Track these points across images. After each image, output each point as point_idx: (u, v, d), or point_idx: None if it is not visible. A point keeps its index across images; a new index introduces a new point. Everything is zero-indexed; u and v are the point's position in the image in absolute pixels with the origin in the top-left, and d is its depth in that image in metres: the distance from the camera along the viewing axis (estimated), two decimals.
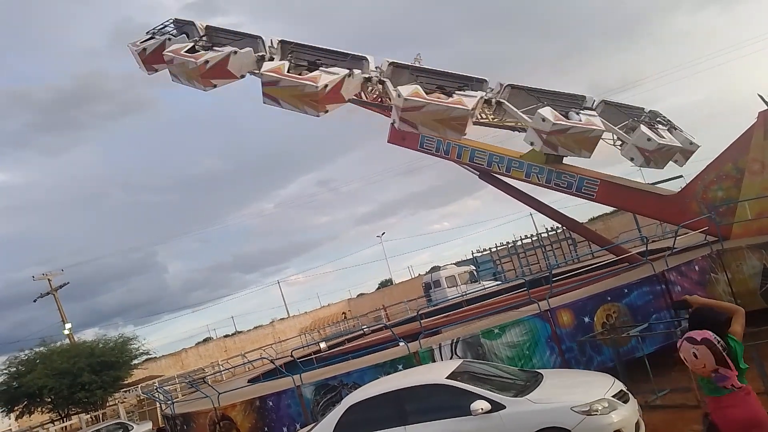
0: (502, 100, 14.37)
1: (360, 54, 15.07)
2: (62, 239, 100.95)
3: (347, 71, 14.29)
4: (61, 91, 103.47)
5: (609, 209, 41.21)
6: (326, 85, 13.83)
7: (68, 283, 40.75)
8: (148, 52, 16.98)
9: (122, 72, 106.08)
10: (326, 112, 14.40)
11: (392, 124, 16.53)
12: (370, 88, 15.29)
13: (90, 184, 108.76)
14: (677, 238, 13.06)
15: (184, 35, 16.56)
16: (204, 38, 16.13)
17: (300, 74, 14.25)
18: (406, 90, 13.39)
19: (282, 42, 15.22)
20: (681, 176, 18.66)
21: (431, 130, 14.04)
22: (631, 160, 14.11)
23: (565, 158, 14.98)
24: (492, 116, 15.19)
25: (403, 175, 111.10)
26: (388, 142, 17.53)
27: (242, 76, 15.63)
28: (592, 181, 14.73)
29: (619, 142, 14.41)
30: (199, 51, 15.50)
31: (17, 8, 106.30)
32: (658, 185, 18.02)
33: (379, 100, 16.19)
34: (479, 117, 15.26)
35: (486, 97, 14.43)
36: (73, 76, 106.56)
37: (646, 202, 14.91)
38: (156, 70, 17.19)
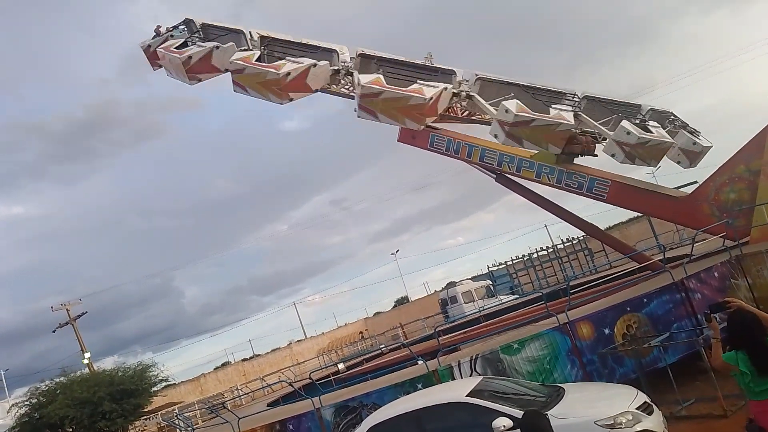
0: (472, 93, 14.39)
1: (331, 46, 15.42)
2: (80, 268, 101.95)
3: (312, 62, 14.66)
4: (74, 120, 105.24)
5: (625, 218, 40.98)
6: (288, 73, 14.30)
7: (86, 312, 40.99)
8: (152, 49, 17.48)
9: (134, 99, 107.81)
10: (291, 100, 14.93)
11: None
12: (339, 79, 15.55)
13: (106, 212, 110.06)
14: (695, 245, 12.91)
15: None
16: (197, 34, 16.55)
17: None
18: (365, 78, 13.63)
19: (261, 36, 15.64)
20: (696, 182, 18.49)
21: (390, 119, 14.27)
22: (613, 155, 13.98)
23: (576, 158, 14.99)
24: (465, 110, 15.26)
25: (415, 191, 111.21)
26: (398, 141, 17.58)
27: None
28: (603, 182, 14.62)
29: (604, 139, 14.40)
30: (190, 47, 16.02)
31: (29, 41, 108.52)
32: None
33: (351, 90, 16.28)
34: (452, 111, 15.60)
35: (456, 90, 14.47)
36: (86, 106, 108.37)
37: (658, 203, 14.78)
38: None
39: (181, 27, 17.47)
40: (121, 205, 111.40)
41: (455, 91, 14.74)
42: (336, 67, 15.22)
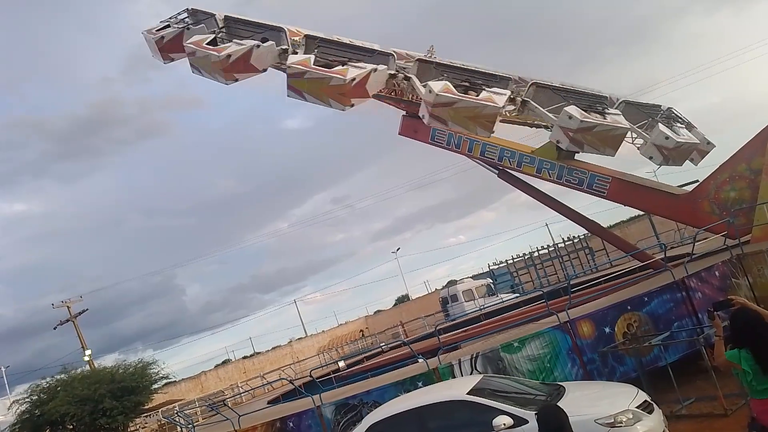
0: (527, 99, 14.35)
1: (385, 50, 15.08)
2: (82, 266, 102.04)
3: (373, 66, 14.25)
4: (77, 118, 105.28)
5: (626, 216, 40.97)
6: (354, 79, 13.82)
7: (87, 309, 41.05)
8: (166, 41, 16.58)
9: (137, 97, 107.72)
10: (351, 106, 14.39)
11: (403, 116, 17.13)
12: (395, 83, 15.26)
13: (108, 210, 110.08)
14: (696, 243, 12.90)
15: (203, 26, 16.30)
16: (223, 30, 15.90)
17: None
18: (436, 86, 13.37)
19: (307, 36, 15.11)
20: (697, 180, 18.47)
21: (461, 127, 13.96)
22: (650, 158, 13.94)
23: (577, 155, 14.89)
24: (514, 113, 15.15)
25: (417, 189, 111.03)
26: (399, 134, 17.53)
27: (264, 70, 15.43)
28: (603, 179, 14.59)
29: (639, 141, 14.27)
30: (219, 43, 15.30)
31: (31, 40, 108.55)
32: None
33: (401, 95, 16.20)
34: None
35: (392, 72, 14.49)
36: (89, 104, 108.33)
37: (658, 200, 14.75)
38: (172, 59, 16.85)
39: (186, 16, 16.77)
40: (123, 203, 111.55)
41: (391, 72, 14.68)
42: (392, 72, 14.78)
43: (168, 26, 16.87)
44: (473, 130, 14.01)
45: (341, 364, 21.21)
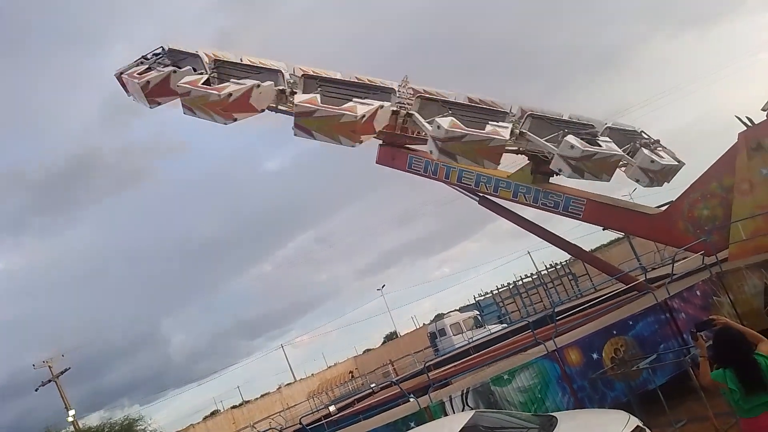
0: (524, 131, 14.63)
1: (387, 86, 15.33)
2: (64, 321, 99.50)
3: (380, 103, 14.43)
4: (56, 170, 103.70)
5: (606, 240, 41.38)
6: (363, 115, 13.94)
7: (69, 368, 40.18)
8: (152, 85, 15.79)
9: (117, 146, 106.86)
10: (360, 142, 14.52)
11: (380, 145, 17.38)
12: (398, 120, 15.43)
13: (90, 261, 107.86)
14: (676, 263, 13.05)
15: (189, 67, 15.90)
16: (215, 70, 15.57)
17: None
18: (444, 122, 13.57)
19: (305, 76, 15.18)
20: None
21: (469, 161, 14.11)
22: (637, 181, 14.28)
23: (552, 178, 15.15)
24: (511, 144, 15.41)
25: (400, 224, 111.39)
26: (376, 163, 17.66)
27: (262, 110, 15.33)
28: (578, 200, 14.81)
29: (623, 164, 14.57)
30: (212, 84, 15.05)
31: (7, 91, 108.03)
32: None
33: (400, 131, 16.33)
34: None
35: (395, 108, 14.78)
36: (68, 155, 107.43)
37: (633, 220, 14.98)
38: (159, 104, 16.20)
39: (163, 56, 16.24)
40: (105, 253, 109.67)
41: (394, 109, 14.94)
42: (395, 108, 15.11)
43: (149, 68, 16.18)
44: (481, 163, 14.21)
45: (332, 408, 20.93)
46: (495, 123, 14.04)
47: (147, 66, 15.84)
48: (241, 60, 15.80)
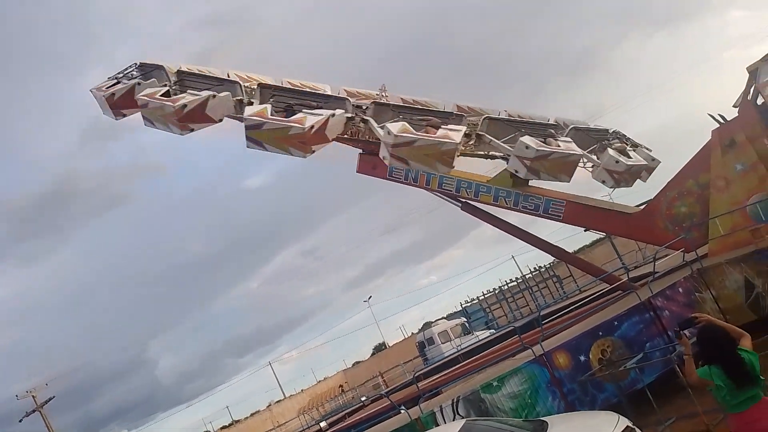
0: (481, 133, 14.67)
1: (341, 95, 15.30)
2: (49, 348, 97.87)
3: (331, 112, 14.35)
4: (36, 197, 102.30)
5: (588, 241, 41.65)
6: (312, 126, 13.84)
7: (54, 397, 39.41)
8: (117, 97, 16.06)
9: (97, 169, 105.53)
10: (312, 152, 14.40)
11: (360, 154, 17.27)
12: (353, 127, 15.36)
13: (73, 286, 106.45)
14: (657, 261, 13.16)
15: (154, 80, 16.06)
16: (177, 83, 15.79)
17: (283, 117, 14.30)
18: (395, 127, 13.54)
19: (261, 86, 15.21)
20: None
21: (422, 165, 14.07)
22: (603, 182, 14.30)
23: (531, 181, 15.10)
24: (470, 146, 15.43)
25: (385, 234, 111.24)
26: (357, 172, 17.63)
27: (220, 120, 15.32)
28: (558, 203, 14.93)
29: (590, 165, 14.64)
30: (173, 95, 15.13)
31: None
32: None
33: (358, 136, 16.27)
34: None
35: (350, 115, 14.74)
36: (48, 181, 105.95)
37: (613, 220, 15.13)
38: (124, 116, 16.40)
39: (136, 71, 16.37)
40: (88, 277, 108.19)
41: (349, 115, 14.88)
42: (349, 115, 14.94)
43: (118, 83, 16.47)
44: (434, 167, 14.19)
45: (323, 424, 20.77)
46: (447, 127, 14.01)
47: (116, 80, 15.88)
48: (205, 72, 15.85)
